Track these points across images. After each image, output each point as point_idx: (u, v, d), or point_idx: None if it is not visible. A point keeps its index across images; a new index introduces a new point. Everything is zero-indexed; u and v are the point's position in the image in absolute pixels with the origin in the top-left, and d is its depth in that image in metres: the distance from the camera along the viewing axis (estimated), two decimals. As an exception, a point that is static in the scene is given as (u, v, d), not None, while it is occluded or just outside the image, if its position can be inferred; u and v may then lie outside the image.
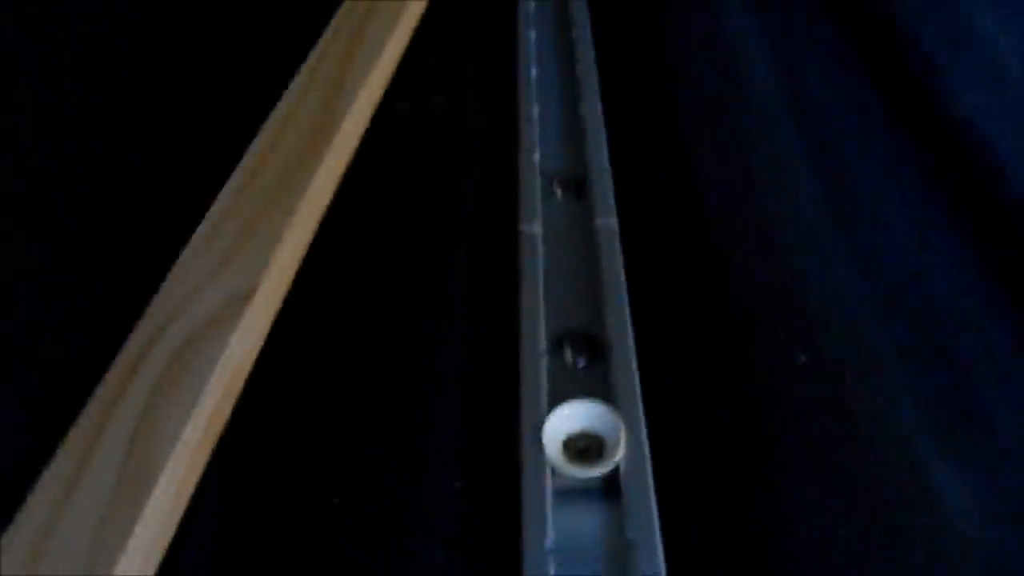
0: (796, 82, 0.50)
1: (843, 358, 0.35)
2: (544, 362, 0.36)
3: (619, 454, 0.32)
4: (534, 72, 0.53)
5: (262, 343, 0.36)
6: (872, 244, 0.41)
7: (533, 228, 0.42)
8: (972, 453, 0.33)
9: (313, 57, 0.48)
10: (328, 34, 0.51)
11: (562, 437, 0.34)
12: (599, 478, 0.32)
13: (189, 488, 0.32)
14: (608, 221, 0.42)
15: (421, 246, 0.42)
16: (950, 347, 0.36)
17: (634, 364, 0.35)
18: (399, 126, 0.48)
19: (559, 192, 0.45)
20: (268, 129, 0.43)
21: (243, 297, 0.35)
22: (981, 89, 0.47)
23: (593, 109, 0.49)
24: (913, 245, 0.41)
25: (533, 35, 0.56)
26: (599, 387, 0.35)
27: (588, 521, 0.31)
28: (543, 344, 0.37)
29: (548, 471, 0.32)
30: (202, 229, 0.38)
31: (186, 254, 0.37)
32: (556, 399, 0.35)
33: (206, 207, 0.40)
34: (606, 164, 0.45)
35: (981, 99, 0.46)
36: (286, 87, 0.47)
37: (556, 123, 0.50)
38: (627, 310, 0.37)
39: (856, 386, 0.35)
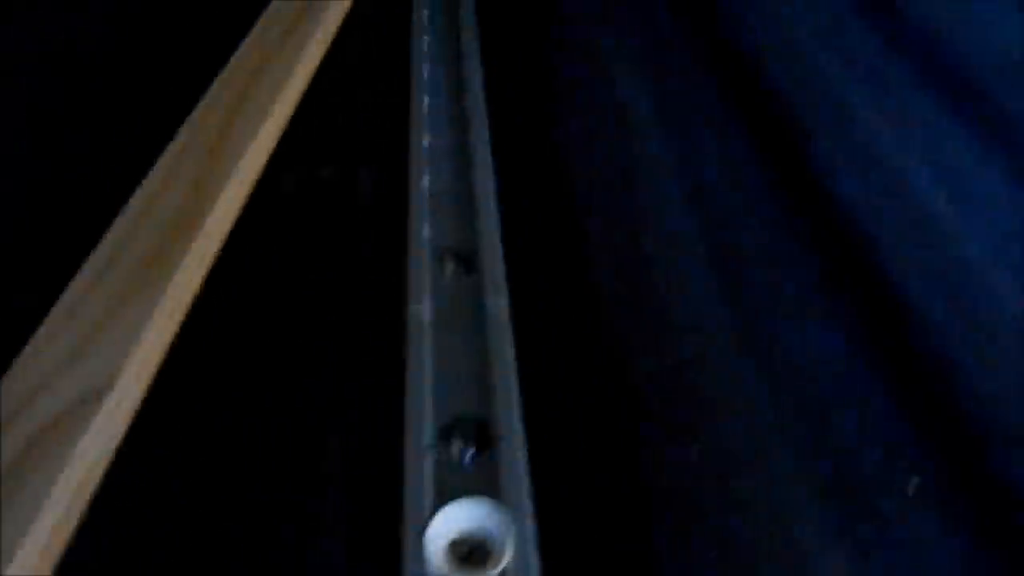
0: (687, 155, 0.51)
1: (734, 447, 0.34)
2: (429, 457, 0.34)
3: (507, 558, 0.31)
4: (426, 140, 0.51)
5: (116, 445, 0.32)
6: (761, 326, 0.41)
7: (421, 309, 0.40)
8: (857, 538, 0.33)
9: (192, 120, 0.46)
10: (210, 95, 0.49)
11: (447, 540, 0.32)
12: (485, 586, 0.30)
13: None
14: (498, 301, 0.40)
15: (301, 331, 0.40)
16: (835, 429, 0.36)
17: (524, 458, 0.34)
18: (281, 198, 0.46)
19: (449, 267, 0.44)
20: (135, 203, 0.40)
21: (96, 395, 0.31)
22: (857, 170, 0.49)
23: (485, 178, 0.49)
24: (799, 324, 0.42)
25: (426, 100, 0.55)
26: (488, 483, 0.34)
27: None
28: (429, 436, 0.35)
29: (430, 580, 0.30)
30: (54, 314, 0.35)
31: (34, 342, 0.34)
32: (443, 497, 0.33)
33: (60, 288, 0.36)
34: (497, 239, 0.44)
35: (857, 180, 0.48)
36: (161, 150, 0.45)
37: (447, 193, 0.48)
38: (517, 399, 0.36)
39: (746, 475, 0.34)
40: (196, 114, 0.46)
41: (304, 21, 0.55)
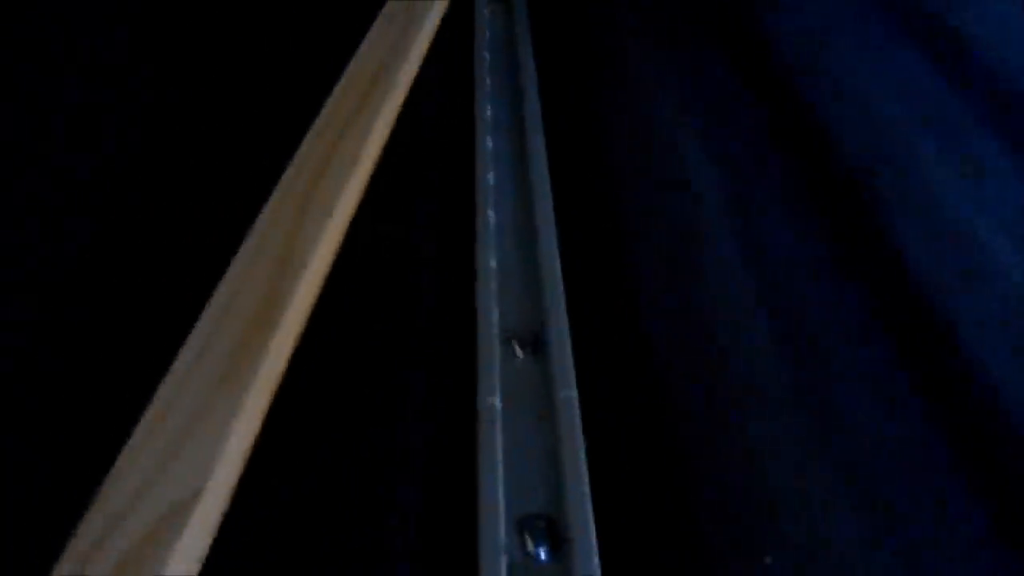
0: (753, 234, 0.50)
1: (809, 560, 0.34)
2: (504, 556, 0.35)
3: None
4: (492, 216, 0.52)
5: (206, 552, 0.34)
6: (831, 406, 0.40)
7: (492, 402, 0.41)
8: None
9: (262, 221, 0.47)
10: (278, 194, 0.50)
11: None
12: None
13: None
14: (568, 392, 0.41)
15: (375, 423, 0.41)
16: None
17: (596, 559, 0.34)
18: (351, 292, 0.47)
19: (517, 351, 0.45)
20: (218, 298, 0.42)
21: (186, 505, 0.33)
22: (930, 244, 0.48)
23: (551, 257, 0.49)
24: (869, 404, 0.41)
25: (491, 175, 0.56)
26: (561, 584, 0.34)
27: None
28: (503, 533, 0.36)
29: None
30: (142, 425, 0.37)
31: (124, 454, 0.36)
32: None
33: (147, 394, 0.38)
34: (564, 321, 0.45)
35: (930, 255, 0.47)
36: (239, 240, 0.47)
37: (514, 273, 0.49)
38: (588, 495, 0.36)
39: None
40: (267, 209, 0.48)
41: (368, 107, 0.57)
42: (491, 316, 0.46)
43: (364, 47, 0.63)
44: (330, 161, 0.52)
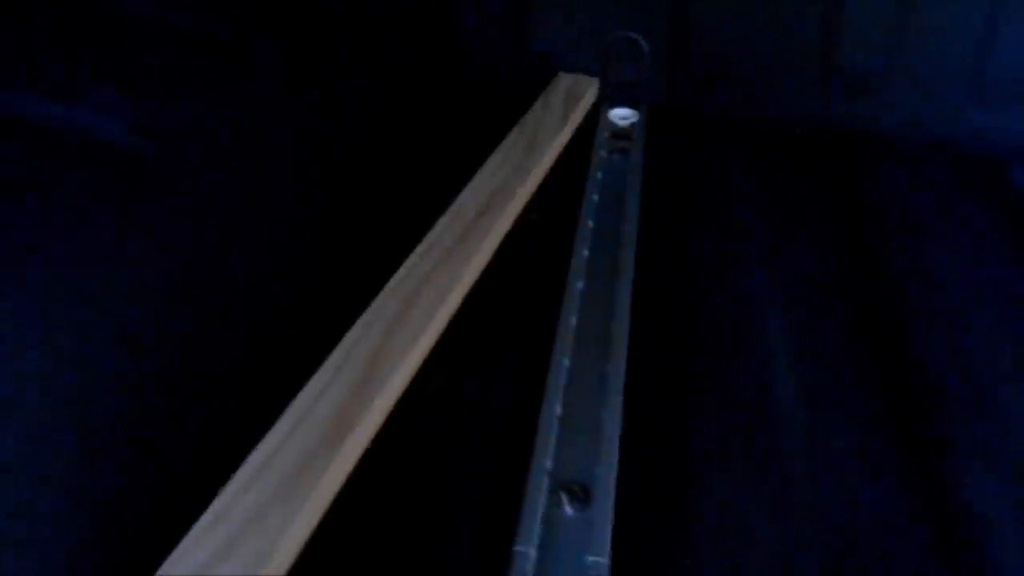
0: (820, 435, 0.51)
1: None
2: None
3: None
4: (566, 361, 0.55)
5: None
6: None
7: (527, 550, 0.43)
8: None
9: (354, 331, 0.52)
10: (374, 307, 0.55)
11: None
12: None
13: None
14: (599, 560, 0.42)
15: (413, 557, 0.44)
16: None
17: None
18: (418, 406, 0.51)
19: (564, 500, 0.46)
20: (296, 406, 0.47)
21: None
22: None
23: (614, 413, 0.51)
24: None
25: (573, 319, 0.58)
26: None
27: None
28: None
29: None
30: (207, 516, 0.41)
31: (184, 543, 0.40)
32: None
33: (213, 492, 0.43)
34: (612, 485, 0.46)
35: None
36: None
37: (575, 423, 0.51)
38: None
39: None
40: (357, 327, 0.53)
41: (469, 238, 0.61)
42: (543, 464, 0.48)
43: (478, 179, 0.69)
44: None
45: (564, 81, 0.86)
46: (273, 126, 0.75)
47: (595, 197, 0.71)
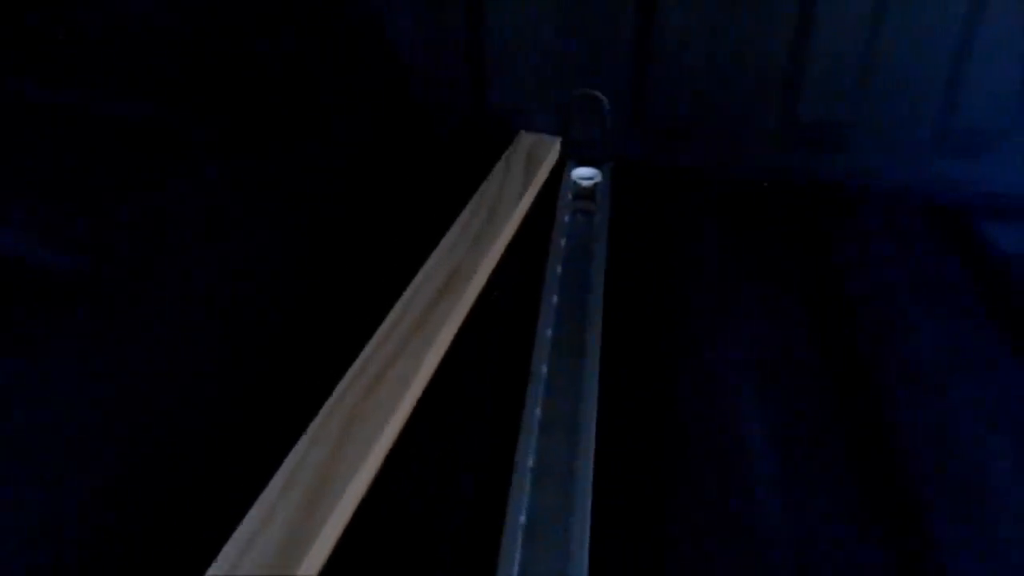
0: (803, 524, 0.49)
1: None
2: None
3: None
4: (530, 460, 0.52)
5: None
6: None
7: None
8: None
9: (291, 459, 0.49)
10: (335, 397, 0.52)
11: None
12: None
13: None
14: None
15: None
16: None
17: None
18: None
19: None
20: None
21: None
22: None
23: (583, 508, 0.48)
24: None
25: (537, 410, 0.56)
26: None
27: None
28: None
29: None
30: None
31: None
32: None
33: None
34: None
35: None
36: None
37: (542, 523, 0.48)
38: None
39: None
40: (300, 445, 0.50)
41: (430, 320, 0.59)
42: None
43: (434, 258, 0.66)
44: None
45: (525, 141, 0.84)
46: (212, 215, 0.71)
47: (559, 269, 0.69)
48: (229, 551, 0.43)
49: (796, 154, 0.86)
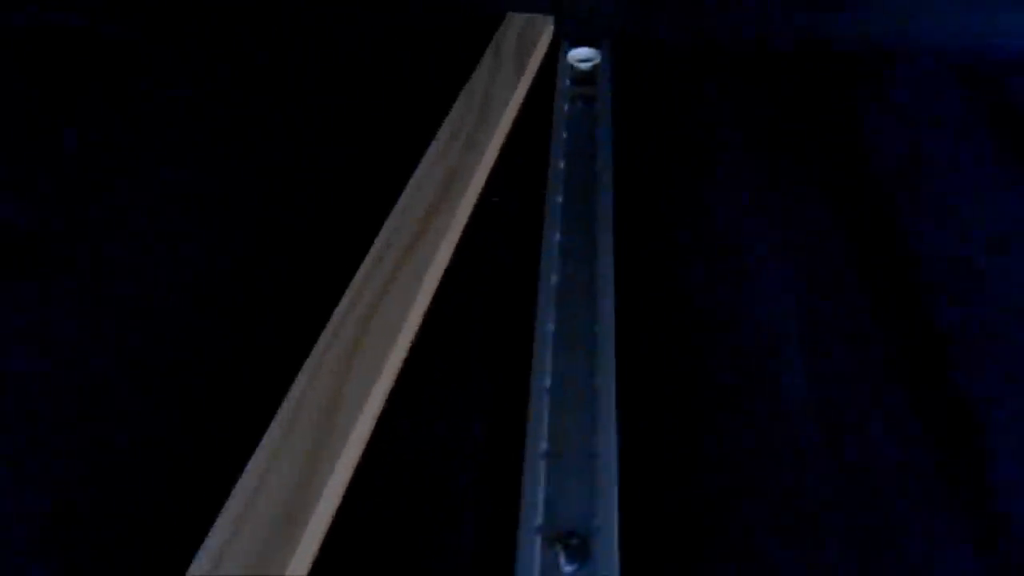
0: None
1: None
2: None
3: None
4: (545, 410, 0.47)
5: None
6: None
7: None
8: None
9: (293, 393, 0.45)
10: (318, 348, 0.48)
11: None
12: None
13: None
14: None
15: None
16: None
17: None
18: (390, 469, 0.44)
19: (559, 555, 0.40)
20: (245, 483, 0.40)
21: None
22: None
23: (608, 451, 0.44)
24: None
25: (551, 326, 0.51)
26: None
27: None
28: None
29: None
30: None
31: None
32: None
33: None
34: (615, 531, 0.40)
35: None
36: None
37: (565, 460, 0.45)
38: None
39: None
40: (302, 376, 0.45)
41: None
42: (534, 519, 0.41)
43: (424, 165, 0.60)
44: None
45: (515, 24, 0.76)
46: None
47: (561, 165, 0.63)
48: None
49: (815, 15, 0.78)
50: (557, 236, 0.57)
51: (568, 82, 0.73)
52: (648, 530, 0.41)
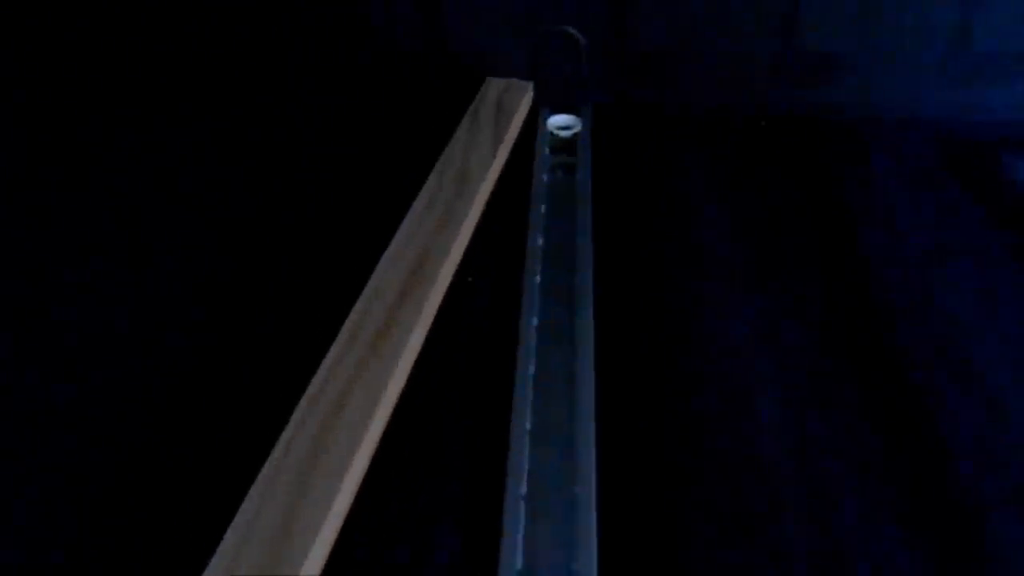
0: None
1: None
2: None
3: None
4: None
5: None
6: None
7: None
8: None
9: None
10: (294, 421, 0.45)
11: None
12: None
13: None
14: None
15: None
16: None
17: None
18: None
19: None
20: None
21: None
22: None
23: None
24: None
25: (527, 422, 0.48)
26: None
27: None
28: None
29: None
30: None
31: None
32: None
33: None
34: None
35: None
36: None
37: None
38: None
39: None
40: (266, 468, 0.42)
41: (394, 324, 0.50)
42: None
43: (399, 239, 0.57)
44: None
45: (493, 88, 0.75)
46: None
47: (540, 241, 0.61)
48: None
49: (795, 88, 0.78)
50: (535, 320, 0.55)
51: (547, 150, 0.71)
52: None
